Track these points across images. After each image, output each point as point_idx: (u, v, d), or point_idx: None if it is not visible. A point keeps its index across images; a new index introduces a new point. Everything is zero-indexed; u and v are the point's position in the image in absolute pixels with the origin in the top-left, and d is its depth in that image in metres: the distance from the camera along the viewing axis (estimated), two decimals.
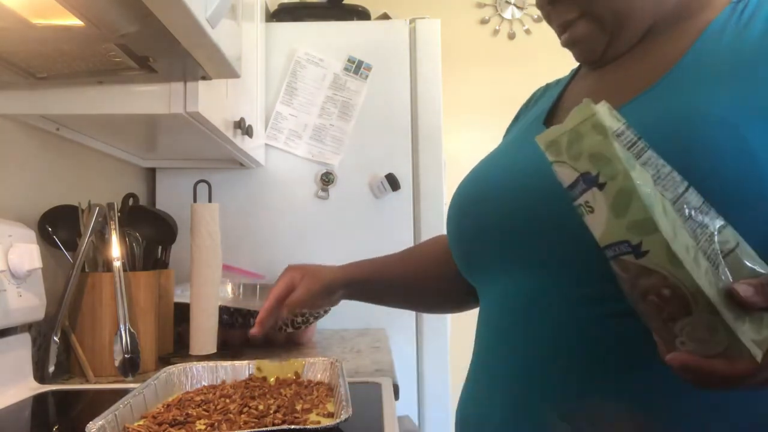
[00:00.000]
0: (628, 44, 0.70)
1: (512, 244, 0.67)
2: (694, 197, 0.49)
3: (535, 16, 3.05)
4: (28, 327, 1.11)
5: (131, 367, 1.13)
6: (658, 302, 0.48)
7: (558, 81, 0.87)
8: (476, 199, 0.73)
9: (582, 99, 0.70)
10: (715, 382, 0.47)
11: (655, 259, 0.46)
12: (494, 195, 0.70)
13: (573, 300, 0.61)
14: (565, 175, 0.51)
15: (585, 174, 0.49)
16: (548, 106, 0.79)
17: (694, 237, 0.47)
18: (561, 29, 0.74)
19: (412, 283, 0.98)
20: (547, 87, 0.89)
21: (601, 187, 0.48)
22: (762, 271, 0.49)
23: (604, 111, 0.50)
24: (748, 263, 0.48)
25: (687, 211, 0.48)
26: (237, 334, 1.47)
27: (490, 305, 0.73)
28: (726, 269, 0.47)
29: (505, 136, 0.91)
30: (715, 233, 0.48)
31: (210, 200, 1.35)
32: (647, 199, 0.46)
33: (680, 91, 0.60)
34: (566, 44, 0.75)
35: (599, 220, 0.49)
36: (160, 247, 1.40)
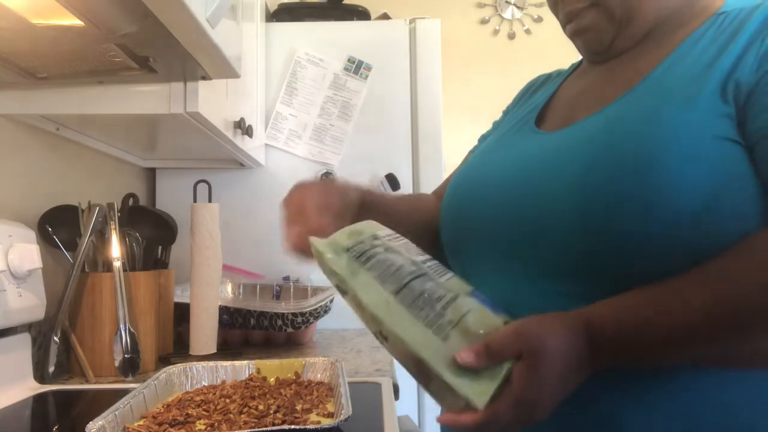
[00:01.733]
0: (631, 41, 0.71)
1: (499, 243, 0.69)
2: (424, 281, 0.62)
3: (535, 16, 3.05)
4: (28, 327, 1.11)
5: (131, 367, 1.13)
6: (412, 373, 0.60)
7: (559, 72, 0.88)
8: (469, 197, 0.75)
9: (573, 97, 0.75)
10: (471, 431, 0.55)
11: (392, 342, 0.59)
12: (486, 194, 0.72)
13: (555, 295, 0.63)
14: (330, 281, 0.65)
15: (336, 285, 0.64)
16: (541, 103, 0.80)
17: (421, 317, 0.59)
18: (567, 18, 0.74)
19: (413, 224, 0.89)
20: (549, 76, 0.89)
21: (344, 293, 0.63)
22: (496, 324, 0.59)
23: (336, 237, 0.65)
24: (476, 327, 0.59)
25: (412, 297, 0.60)
26: (237, 334, 1.47)
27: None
28: (459, 336, 0.58)
29: (502, 117, 0.92)
30: (446, 308, 0.60)
31: (210, 200, 1.34)
32: (369, 300, 0.60)
33: (643, 98, 0.63)
34: (573, 34, 0.75)
35: (358, 315, 0.63)
36: (160, 247, 1.40)
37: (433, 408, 1.82)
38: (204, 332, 1.28)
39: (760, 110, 0.58)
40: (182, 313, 1.39)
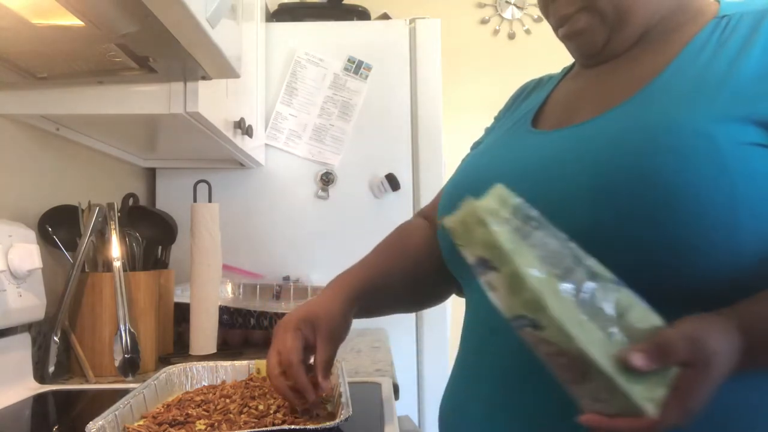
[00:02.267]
0: (625, 44, 0.71)
1: None
2: (589, 266, 0.54)
3: (535, 16, 3.05)
4: (28, 327, 1.11)
5: (131, 367, 1.13)
6: (559, 368, 0.53)
7: (551, 77, 0.87)
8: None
9: (570, 99, 0.73)
10: None
11: (550, 333, 0.51)
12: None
13: None
14: (467, 256, 0.56)
15: (480, 258, 0.55)
16: (536, 105, 0.80)
17: (584, 309, 0.52)
18: (559, 22, 0.74)
19: (410, 278, 0.89)
20: (540, 81, 0.89)
21: (496, 270, 0.54)
22: (657, 324, 0.53)
23: (489, 203, 0.56)
24: (640, 325, 0.53)
25: (576, 284, 0.53)
26: (237, 334, 1.47)
27: (479, 303, 0.73)
28: (621, 333, 0.52)
29: (494, 124, 0.91)
30: (608, 301, 0.53)
31: (210, 200, 1.35)
32: (535, 282, 0.52)
33: (656, 103, 0.62)
34: (565, 37, 0.74)
35: (501, 298, 0.55)
36: (160, 247, 1.40)
37: (433, 408, 1.82)
38: (204, 332, 1.28)
39: None
40: (182, 313, 1.39)
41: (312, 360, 0.77)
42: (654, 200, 0.57)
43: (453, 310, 1.95)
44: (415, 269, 0.88)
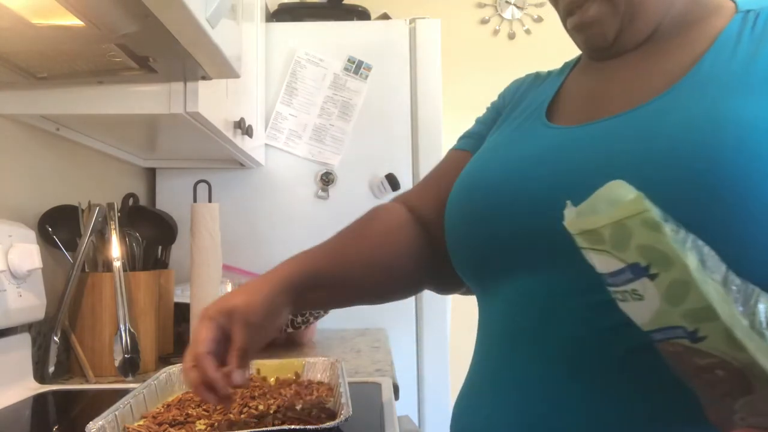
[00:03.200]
0: (637, 37, 0.68)
1: (530, 250, 0.63)
2: (733, 274, 0.49)
3: (535, 16, 3.05)
4: (28, 327, 1.11)
5: (131, 367, 1.13)
6: (713, 381, 0.48)
7: (549, 73, 0.83)
8: (484, 205, 0.69)
9: (591, 94, 0.69)
10: None
11: (713, 344, 0.46)
12: (504, 201, 0.66)
13: (591, 306, 0.58)
14: (605, 263, 0.50)
15: (633, 265, 0.48)
16: (546, 101, 0.75)
17: (744, 315, 0.47)
18: (568, 11, 0.70)
19: (371, 267, 0.80)
20: (538, 76, 0.85)
21: (652, 277, 0.48)
22: None
23: (645, 203, 0.48)
24: None
25: (734, 290, 0.48)
26: None
27: (496, 311, 0.69)
28: None
29: (493, 115, 0.86)
30: (761, 308, 0.48)
31: (210, 200, 1.35)
32: (705, 289, 0.46)
33: (701, 97, 0.59)
34: (574, 27, 0.70)
35: (649, 308, 0.49)
36: (160, 247, 1.40)
37: (433, 408, 1.82)
38: None
39: None
40: (182, 313, 1.39)
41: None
42: (723, 192, 0.53)
43: (453, 310, 1.95)
44: (377, 258, 0.79)
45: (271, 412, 0.79)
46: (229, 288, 1.66)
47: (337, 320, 1.76)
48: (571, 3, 0.69)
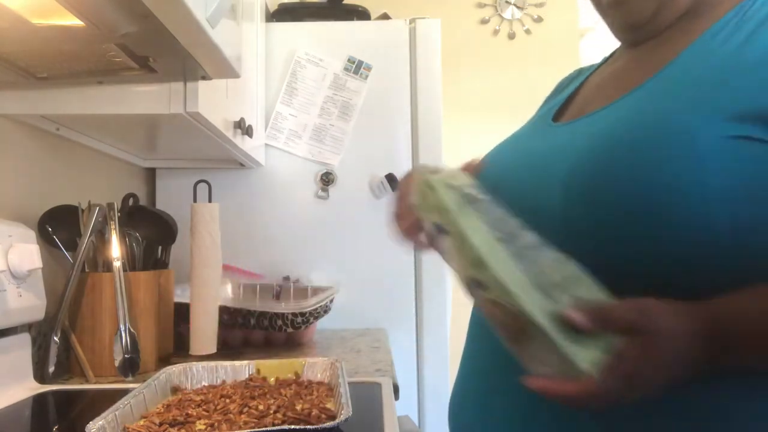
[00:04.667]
0: (673, 15, 0.68)
1: None
2: (528, 236, 0.57)
3: (535, 16, 3.05)
4: (28, 327, 1.11)
5: (131, 367, 1.13)
6: (503, 329, 0.54)
7: (591, 67, 0.85)
8: (485, 184, 0.73)
9: (591, 89, 0.75)
10: (567, 401, 0.51)
11: (493, 292, 0.53)
12: (490, 186, 0.70)
13: None
14: (426, 225, 0.61)
15: (436, 224, 0.59)
16: (564, 97, 0.80)
17: (527, 271, 0.54)
18: None
19: None
20: (580, 71, 0.88)
21: (447, 233, 0.58)
22: (604, 298, 0.54)
23: (442, 175, 0.62)
24: (586, 296, 0.54)
25: (519, 248, 0.55)
26: (237, 334, 1.47)
27: None
28: (564, 298, 0.53)
29: (535, 114, 0.90)
30: (553, 269, 0.55)
31: (210, 200, 1.34)
32: (477, 240, 0.55)
33: (658, 95, 0.61)
34: (611, 4, 0.71)
35: (455, 261, 0.58)
36: (160, 247, 1.40)
37: (433, 408, 1.82)
38: (204, 332, 1.28)
39: None
40: (182, 313, 1.39)
41: None
42: (625, 196, 0.56)
43: (453, 310, 1.95)
44: None
45: (271, 412, 0.79)
46: (229, 288, 1.67)
47: (337, 320, 1.76)
48: None
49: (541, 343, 0.51)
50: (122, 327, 1.13)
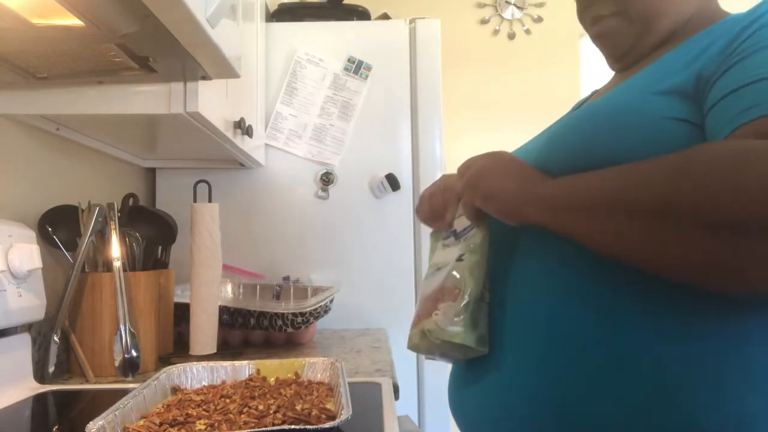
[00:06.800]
0: (649, 47, 0.78)
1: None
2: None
3: (535, 16, 3.05)
4: (28, 327, 1.11)
5: (131, 367, 1.12)
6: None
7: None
8: None
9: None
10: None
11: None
12: None
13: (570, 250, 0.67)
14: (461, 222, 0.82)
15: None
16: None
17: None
18: (593, 21, 0.82)
19: None
20: (595, 92, 0.97)
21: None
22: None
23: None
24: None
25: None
26: (237, 334, 1.47)
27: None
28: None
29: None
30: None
31: (210, 200, 1.34)
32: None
33: (621, 90, 0.72)
34: (595, 36, 0.83)
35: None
36: (160, 247, 1.40)
37: (433, 408, 1.82)
38: (204, 332, 1.28)
39: (718, 84, 0.61)
40: (182, 313, 1.39)
41: None
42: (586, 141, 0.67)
43: None
44: None
45: (271, 412, 0.79)
46: (229, 288, 1.67)
47: (337, 320, 1.76)
48: (596, 17, 0.81)
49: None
50: (122, 327, 1.13)
